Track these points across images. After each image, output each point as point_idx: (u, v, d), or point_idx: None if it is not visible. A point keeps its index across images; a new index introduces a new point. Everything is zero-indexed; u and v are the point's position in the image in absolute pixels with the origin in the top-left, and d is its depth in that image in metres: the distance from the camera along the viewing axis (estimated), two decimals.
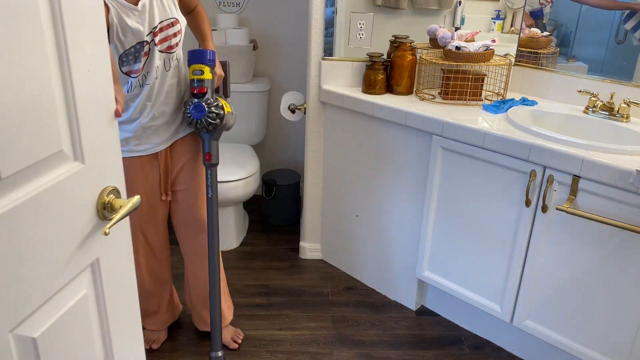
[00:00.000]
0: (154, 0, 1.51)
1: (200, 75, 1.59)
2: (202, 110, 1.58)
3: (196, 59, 1.60)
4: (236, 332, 2.04)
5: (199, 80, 1.59)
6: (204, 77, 1.59)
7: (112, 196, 0.95)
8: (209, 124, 1.60)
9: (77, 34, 0.83)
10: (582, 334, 1.73)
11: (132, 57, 1.50)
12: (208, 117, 1.59)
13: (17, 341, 0.79)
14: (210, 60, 1.61)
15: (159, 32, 1.53)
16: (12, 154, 0.73)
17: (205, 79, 1.60)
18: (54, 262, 0.84)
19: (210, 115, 1.59)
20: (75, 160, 0.87)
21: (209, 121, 1.60)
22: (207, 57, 1.60)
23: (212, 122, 1.60)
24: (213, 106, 1.60)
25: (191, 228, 1.82)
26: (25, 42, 0.74)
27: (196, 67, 1.59)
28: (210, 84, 1.61)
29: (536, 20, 2.10)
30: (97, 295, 0.98)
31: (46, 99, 0.78)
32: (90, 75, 0.87)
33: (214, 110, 1.60)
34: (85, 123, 0.87)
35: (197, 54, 1.60)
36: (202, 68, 1.59)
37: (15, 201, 0.74)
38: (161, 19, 1.53)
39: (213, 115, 1.60)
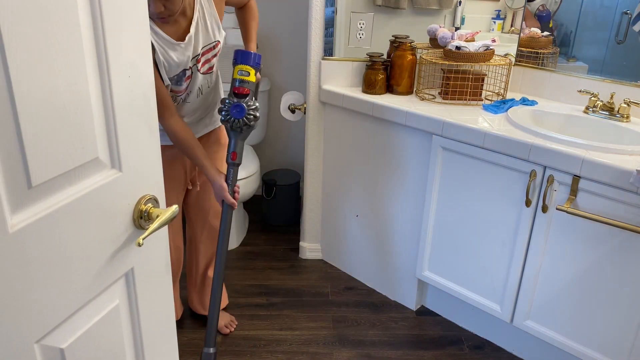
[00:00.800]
0: (199, 29, 1.55)
1: (246, 76, 1.62)
2: (242, 110, 1.61)
3: (244, 60, 1.62)
4: (231, 320, 2.11)
5: (243, 81, 1.62)
6: (248, 79, 1.62)
7: (150, 205, 0.92)
8: (245, 124, 1.63)
9: (118, 39, 0.81)
10: (582, 334, 1.73)
11: (174, 81, 1.56)
12: (246, 118, 1.62)
13: (44, 352, 0.77)
14: (257, 63, 1.64)
15: (201, 58, 1.60)
16: (44, 161, 0.71)
17: (250, 81, 1.63)
18: (86, 271, 0.82)
19: (248, 116, 1.62)
20: (112, 168, 0.85)
21: (245, 122, 1.62)
22: (255, 60, 1.63)
23: (248, 124, 1.63)
24: (252, 108, 1.63)
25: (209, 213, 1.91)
26: (63, 47, 0.72)
27: (243, 67, 1.62)
28: (253, 87, 1.65)
29: (543, 23, 2.10)
30: (131, 306, 0.95)
31: (83, 105, 0.77)
32: (130, 81, 0.85)
33: (252, 112, 1.63)
34: (124, 130, 0.85)
35: (245, 55, 1.62)
36: (248, 70, 1.62)
37: (47, 209, 0.73)
38: (204, 45, 1.58)
39: (251, 117, 1.63)
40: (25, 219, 0.70)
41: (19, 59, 0.65)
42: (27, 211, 0.71)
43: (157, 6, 1.37)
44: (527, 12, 2.16)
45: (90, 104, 0.78)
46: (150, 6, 1.37)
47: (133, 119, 0.87)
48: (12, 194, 0.68)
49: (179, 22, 1.50)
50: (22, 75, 0.66)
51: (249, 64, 1.62)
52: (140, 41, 0.86)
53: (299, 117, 2.46)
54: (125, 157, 0.87)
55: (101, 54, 0.79)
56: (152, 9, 1.37)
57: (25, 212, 0.71)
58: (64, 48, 0.72)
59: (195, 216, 1.94)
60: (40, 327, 0.75)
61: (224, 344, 2.02)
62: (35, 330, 0.75)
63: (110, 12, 0.78)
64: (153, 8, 1.37)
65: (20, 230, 0.69)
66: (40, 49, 0.68)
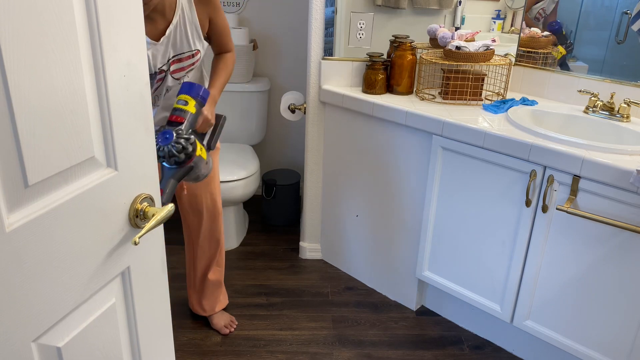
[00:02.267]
0: (177, 33, 1.51)
1: (183, 105, 1.47)
2: (169, 138, 1.40)
3: (187, 90, 1.50)
4: (231, 320, 2.11)
5: (179, 110, 1.47)
6: (186, 108, 1.47)
7: (146, 204, 0.92)
8: (171, 155, 1.40)
9: (113, 38, 0.81)
10: (582, 334, 1.72)
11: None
12: (173, 147, 1.39)
13: (41, 351, 0.77)
14: (201, 97, 1.50)
15: (175, 62, 1.56)
16: (40, 160, 0.71)
17: (187, 110, 1.47)
18: (83, 270, 0.82)
19: (175, 145, 1.39)
20: (108, 167, 0.85)
21: (172, 152, 1.39)
22: (198, 93, 1.50)
23: (175, 155, 1.39)
24: (182, 138, 1.41)
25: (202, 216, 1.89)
26: (59, 46, 0.72)
27: (183, 97, 1.49)
28: (190, 118, 1.47)
29: (558, 35, 2.08)
30: (127, 304, 0.95)
31: (79, 104, 0.77)
32: (126, 80, 0.85)
33: (182, 142, 1.40)
34: (120, 129, 0.85)
35: (189, 86, 1.50)
36: (187, 99, 1.48)
37: (44, 208, 0.73)
38: (181, 51, 1.54)
39: (179, 147, 1.39)
40: (22, 218, 0.70)
41: (15, 59, 0.65)
42: (24, 210, 0.71)
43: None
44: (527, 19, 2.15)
45: (86, 103, 0.78)
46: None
47: (129, 118, 0.87)
48: (9, 193, 0.68)
49: (156, 21, 1.47)
50: (18, 75, 0.66)
51: (190, 94, 1.48)
52: (136, 40, 0.86)
53: (299, 117, 2.46)
54: (121, 156, 0.87)
55: (97, 53, 0.79)
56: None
57: (21, 211, 0.70)
58: (60, 47, 0.72)
59: (191, 218, 1.92)
60: (37, 326, 0.75)
61: (224, 344, 2.02)
62: (32, 329, 0.75)
63: (105, 11, 0.78)
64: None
65: (16, 229, 0.69)
66: (36, 48, 0.68)
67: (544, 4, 2.05)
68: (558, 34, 2.08)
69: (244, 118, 2.84)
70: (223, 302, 2.12)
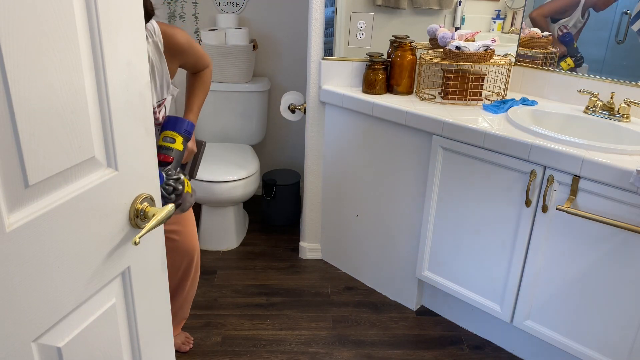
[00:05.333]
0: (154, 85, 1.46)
1: (171, 143, 1.46)
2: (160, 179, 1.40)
3: (172, 126, 1.48)
4: (187, 336, 2.01)
5: (167, 148, 1.46)
6: (174, 146, 1.46)
7: (146, 204, 0.92)
8: (162, 197, 1.38)
9: (114, 38, 0.81)
10: (582, 334, 1.72)
11: None
12: (163, 190, 1.38)
13: (41, 351, 0.77)
14: (186, 131, 1.49)
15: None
16: (41, 160, 0.71)
17: (175, 148, 1.46)
18: (83, 270, 0.82)
19: (166, 187, 1.38)
20: (109, 167, 0.85)
21: (162, 193, 1.38)
22: (184, 128, 1.48)
23: (166, 197, 1.39)
24: (172, 179, 1.40)
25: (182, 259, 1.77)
26: (59, 46, 0.72)
27: (169, 134, 1.47)
28: (178, 155, 1.47)
29: (569, 47, 2.06)
30: (127, 304, 0.95)
31: (79, 104, 0.77)
32: (126, 81, 0.85)
33: (172, 183, 1.39)
34: (120, 129, 0.85)
35: (175, 121, 1.48)
36: (175, 137, 1.47)
37: (44, 208, 0.73)
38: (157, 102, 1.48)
39: (170, 188, 1.39)
40: (22, 218, 0.70)
41: (15, 59, 0.65)
42: (24, 210, 0.71)
43: None
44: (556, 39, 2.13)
45: (87, 103, 0.78)
46: None
47: (129, 118, 0.87)
48: (9, 193, 0.68)
49: None
50: (18, 75, 0.66)
51: (176, 130, 1.47)
52: (136, 41, 0.86)
53: (299, 117, 2.46)
54: (121, 156, 0.87)
55: (97, 54, 0.79)
56: None
57: (22, 211, 0.71)
58: (60, 47, 0.72)
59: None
60: (37, 326, 0.75)
61: (224, 344, 2.02)
62: (32, 329, 0.75)
63: (106, 12, 0.78)
64: None
65: (17, 229, 0.69)
66: (37, 48, 0.68)
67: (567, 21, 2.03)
68: (569, 45, 2.06)
69: (244, 118, 2.84)
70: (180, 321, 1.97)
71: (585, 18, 1.96)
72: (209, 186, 2.41)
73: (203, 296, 2.28)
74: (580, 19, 1.97)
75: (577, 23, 1.99)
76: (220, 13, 2.82)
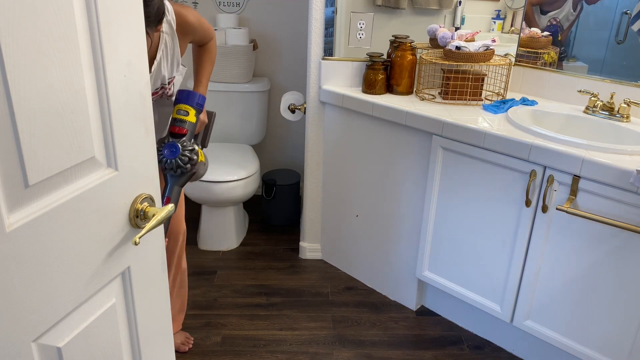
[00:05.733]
0: (160, 67, 1.51)
1: (184, 116, 1.53)
2: (176, 151, 1.49)
3: (185, 99, 1.55)
4: (187, 336, 2.02)
5: (181, 121, 1.52)
6: (187, 118, 1.53)
7: (146, 204, 0.92)
8: (178, 166, 1.49)
9: (114, 38, 0.81)
10: (582, 334, 1.72)
11: None
12: (180, 160, 1.48)
13: (41, 351, 0.77)
14: (199, 104, 1.56)
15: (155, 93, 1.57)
16: (41, 160, 0.71)
17: (188, 121, 1.53)
18: (83, 270, 0.82)
19: (182, 158, 1.49)
20: (108, 167, 0.85)
21: (179, 164, 1.49)
22: (196, 101, 1.55)
23: (182, 166, 1.49)
24: (188, 150, 1.50)
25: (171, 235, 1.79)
26: (59, 46, 0.72)
27: (182, 107, 1.54)
28: (192, 127, 1.55)
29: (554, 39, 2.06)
30: (127, 304, 0.95)
31: (79, 104, 0.77)
32: (126, 81, 0.85)
33: (188, 154, 1.50)
34: (120, 129, 0.85)
35: (187, 95, 1.55)
36: (188, 109, 1.53)
37: (44, 208, 0.73)
38: (162, 82, 1.54)
39: (185, 159, 1.49)
40: (22, 218, 0.70)
41: (15, 59, 0.65)
42: (24, 210, 0.71)
43: None
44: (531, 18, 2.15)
45: (87, 103, 0.78)
46: None
47: (129, 118, 0.87)
48: (9, 193, 0.68)
49: None
50: (18, 75, 0.66)
51: (188, 103, 1.54)
52: (136, 41, 0.86)
53: (299, 117, 2.46)
54: (121, 156, 0.87)
55: (97, 54, 0.79)
56: None
57: (22, 211, 0.71)
58: (60, 47, 0.72)
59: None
60: (37, 326, 0.75)
61: (224, 344, 2.02)
62: (32, 329, 0.75)
63: (105, 12, 0.78)
64: None
65: (17, 229, 0.69)
66: (37, 48, 0.68)
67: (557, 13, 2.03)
68: (554, 37, 2.08)
69: (244, 118, 2.84)
70: (179, 323, 2.01)
71: (578, 11, 1.95)
72: (209, 186, 2.41)
73: (203, 296, 2.28)
74: (572, 12, 1.96)
75: (569, 16, 1.98)
76: (220, 13, 2.82)
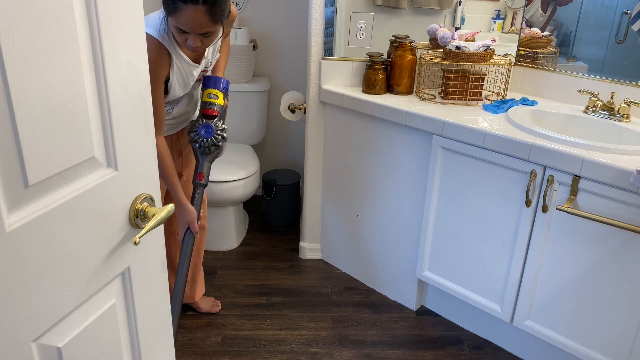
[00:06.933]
0: (209, 52, 1.69)
1: (214, 99, 1.71)
2: (211, 131, 1.69)
3: (214, 84, 1.72)
4: (214, 300, 2.19)
5: (211, 104, 1.71)
6: (217, 102, 1.71)
7: (146, 204, 0.92)
8: (212, 144, 1.71)
9: (114, 38, 0.81)
10: (582, 334, 1.72)
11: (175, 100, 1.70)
12: (214, 138, 1.70)
13: (41, 351, 0.77)
14: (225, 88, 1.74)
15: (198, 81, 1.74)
16: (41, 160, 0.71)
17: (218, 103, 1.72)
18: (83, 270, 0.82)
19: (216, 136, 1.70)
20: (108, 167, 0.85)
21: (213, 141, 1.70)
22: (223, 85, 1.73)
23: (216, 144, 1.71)
24: (219, 129, 1.71)
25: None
26: (59, 46, 0.72)
27: (212, 91, 1.72)
28: (221, 109, 1.73)
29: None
30: (127, 304, 0.95)
31: (79, 104, 0.77)
32: (126, 81, 0.85)
33: (220, 133, 1.71)
34: (120, 129, 0.85)
35: (215, 80, 1.73)
36: (217, 94, 1.72)
37: (44, 208, 0.73)
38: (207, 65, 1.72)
39: (219, 137, 1.71)
40: (22, 218, 0.70)
41: (15, 59, 0.65)
42: (24, 210, 0.71)
43: (195, 41, 1.48)
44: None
45: (87, 103, 0.78)
46: (187, 39, 1.47)
47: (129, 118, 0.87)
48: (9, 193, 0.68)
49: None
50: (18, 75, 0.66)
51: (218, 88, 1.72)
52: (136, 40, 0.86)
53: (299, 117, 2.46)
54: (121, 156, 0.86)
55: (97, 53, 0.79)
56: (190, 43, 1.47)
57: (22, 211, 0.70)
58: (60, 47, 0.72)
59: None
60: (37, 326, 0.75)
61: (224, 344, 2.02)
62: (32, 329, 0.75)
63: (105, 11, 0.78)
64: (191, 42, 1.47)
65: (17, 229, 0.69)
66: (37, 48, 0.68)
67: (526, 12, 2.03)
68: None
69: (244, 118, 2.84)
70: (202, 287, 2.19)
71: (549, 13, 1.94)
72: (209, 186, 2.41)
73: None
74: (541, 13, 1.96)
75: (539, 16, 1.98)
76: None
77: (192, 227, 1.72)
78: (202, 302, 2.18)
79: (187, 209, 1.71)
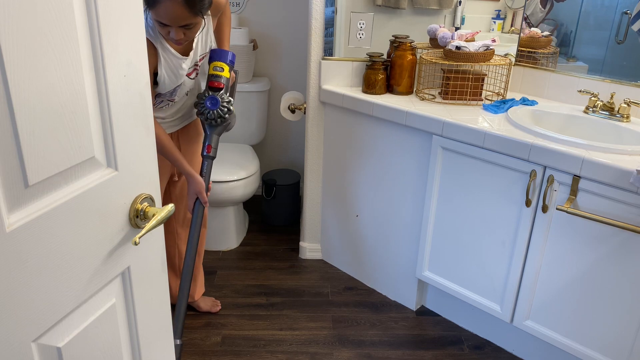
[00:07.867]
0: (199, 44, 1.69)
1: (220, 72, 1.73)
2: (216, 102, 1.71)
3: (219, 57, 1.74)
4: (213, 300, 2.21)
5: (217, 76, 1.73)
6: (222, 74, 1.73)
7: (146, 204, 0.92)
8: (219, 116, 1.72)
9: (113, 38, 0.81)
10: (582, 334, 1.72)
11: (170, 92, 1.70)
12: (220, 110, 1.72)
13: (41, 351, 0.77)
14: (231, 61, 1.76)
15: (192, 72, 1.72)
16: (41, 160, 0.71)
17: (224, 76, 1.74)
18: (83, 270, 0.82)
19: (222, 108, 1.72)
20: (108, 167, 0.85)
21: (219, 113, 1.72)
22: (229, 58, 1.75)
23: (222, 116, 1.73)
24: (226, 101, 1.73)
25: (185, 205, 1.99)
26: (59, 46, 0.72)
27: (218, 64, 1.73)
28: (226, 82, 1.75)
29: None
30: (127, 304, 0.95)
31: (79, 104, 0.77)
32: (126, 81, 0.85)
33: (226, 104, 1.73)
34: (120, 129, 0.85)
35: (221, 53, 1.75)
36: (222, 66, 1.73)
37: (44, 208, 0.73)
38: (200, 56, 1.72)
39: (225, 109, 1.72)
40: (22, 218, 0.70)
41: (15, 59, 0.65)
42: (24, 210, 0.71)
43: (177, 34, 1.48)
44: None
45: (87, 103, 0.78)
46: (170, 32, 1.48)
47: (129, 118, 0.87)
48: (9, 193, 0.68)
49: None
50: (18, 75, 0.66)
51: (223, 60, 1.74)
52: (136, 40, 0.86)
53: (299, 117, 2.46)
54: (121, 156, 0.86)
55: (97, 54, 0.79)
56: (172, 35, 1.48)
57: (22, 211, 0.70)
58: (60, 47, 0.72)
59: (177, 206, 2.00)
60: (37, 326, 0.75)
61: (224, 344, 2.02)
62: (32, 329, 0.75)
63: (105, 12, 0.78)
64: (173, 35, 1.48)
65: (17, 229, 0.69)
66: (37, 48, 0.68)
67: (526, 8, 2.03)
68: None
69: (244, 118, 2.84)
70: (202, 286, 2.21)
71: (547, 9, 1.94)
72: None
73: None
74: (541, 8, 1.96)
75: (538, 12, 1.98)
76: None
77: (200, 197, 1.74)
78: (202, 301, 2.18)
79: (195, 179, 1.73)
